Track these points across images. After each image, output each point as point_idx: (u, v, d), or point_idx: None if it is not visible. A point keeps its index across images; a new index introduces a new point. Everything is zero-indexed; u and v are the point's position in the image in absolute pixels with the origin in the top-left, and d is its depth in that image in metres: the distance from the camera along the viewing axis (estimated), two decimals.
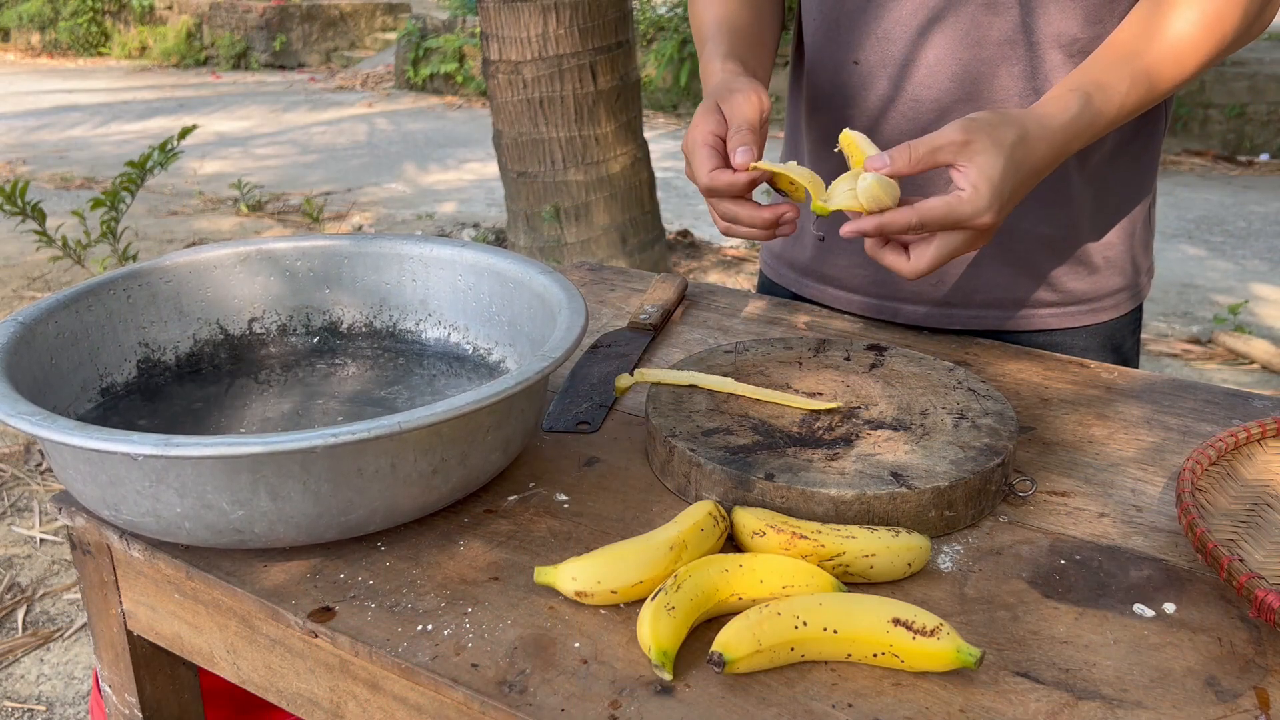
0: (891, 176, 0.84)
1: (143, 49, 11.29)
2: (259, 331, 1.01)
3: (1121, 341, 1.14)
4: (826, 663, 0.64)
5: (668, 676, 0.62)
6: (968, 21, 1.00)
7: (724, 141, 0.92)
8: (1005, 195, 0.83)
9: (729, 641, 0.62)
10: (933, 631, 0.63)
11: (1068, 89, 0.89)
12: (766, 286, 1.28)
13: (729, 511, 0.76)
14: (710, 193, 0.92)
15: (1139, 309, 1.16)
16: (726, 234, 0.96)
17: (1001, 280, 1.09)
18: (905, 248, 0.87)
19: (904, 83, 1.04)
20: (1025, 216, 1.06)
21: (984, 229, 0.84)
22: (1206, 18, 0.89)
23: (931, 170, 0.85)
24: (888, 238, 0.88)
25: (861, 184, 0.85)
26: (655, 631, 0.63)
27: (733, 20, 1.08)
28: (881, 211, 0.84)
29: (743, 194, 0.91)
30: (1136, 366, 1.17)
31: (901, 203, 0.85)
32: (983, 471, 0.77)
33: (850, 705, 0.61)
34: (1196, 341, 3.71)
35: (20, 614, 2.23)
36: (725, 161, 0.92)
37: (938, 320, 1.12)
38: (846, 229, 0.86)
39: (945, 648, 0.62)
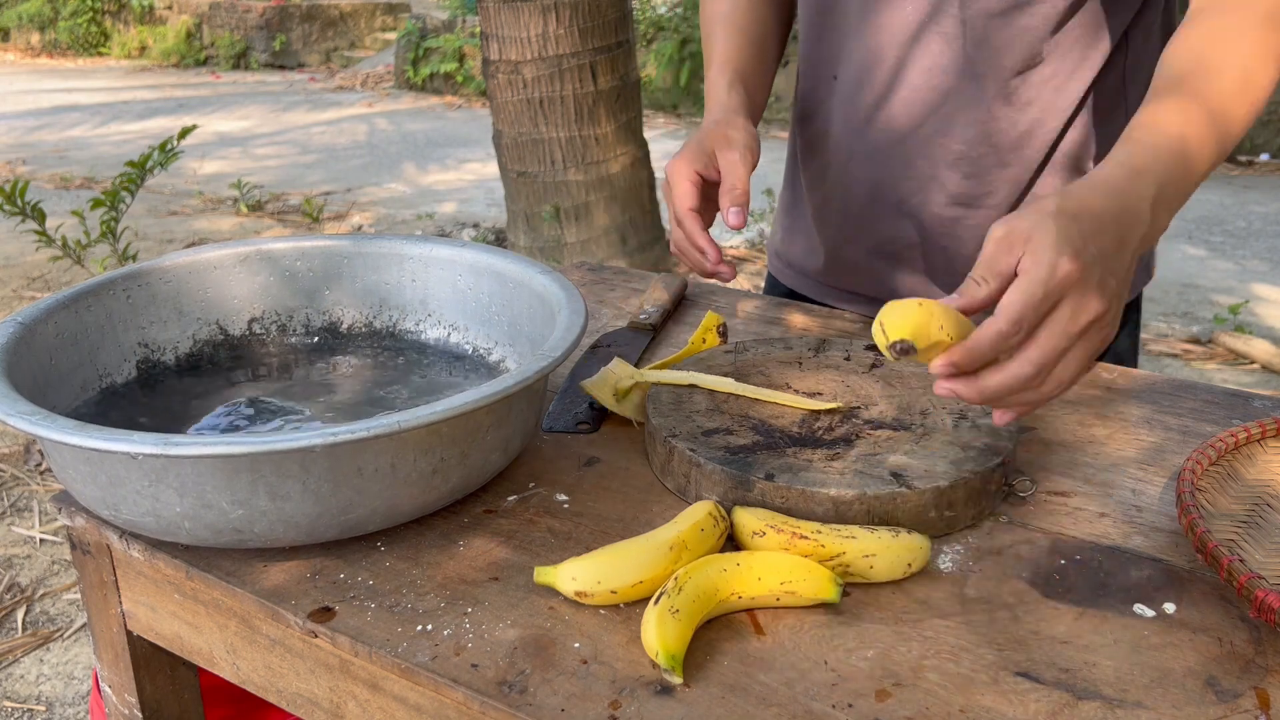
0: (970, 311, 0.70)
1: (142, 49, 11.29)
2: (259, 332, 1.01)
3: (1116, 342, 1.14)
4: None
5: (678, 680, 0.62)
6: (936, 47, 1.03)
7: (703, 180, 0.97)
8: (1075, 241, 0.68)
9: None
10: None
11: (1110, 155, 0.79)
12: (773, 286, 1.29)
13: (729, 511, 0.76)
14: (679, 224, 0.97)
15: (1133, 309, 1.15)
16: (675, 254, 1.02)
17: None
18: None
19: (876, 101, 1.07)
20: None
21: (1072, 281, 0.67)
22: (1262, 42, 0.82)
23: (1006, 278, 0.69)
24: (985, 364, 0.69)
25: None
26: (662, 636, 0.63)
27: (740, 22, 1.10)
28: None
29: (695, 245, 0.97)
30: (1134, 366, 1.17)
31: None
32: (983, 471, 0.77)
33: (850, 705, 0.61)
34: (1196, 341, 3.71)
35: (20, 614, 2.22)
36: (703, 198, 0.98)
37: None
38: (938, 367, 0.68)
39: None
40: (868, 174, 1.10)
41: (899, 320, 0.66)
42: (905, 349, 0.61)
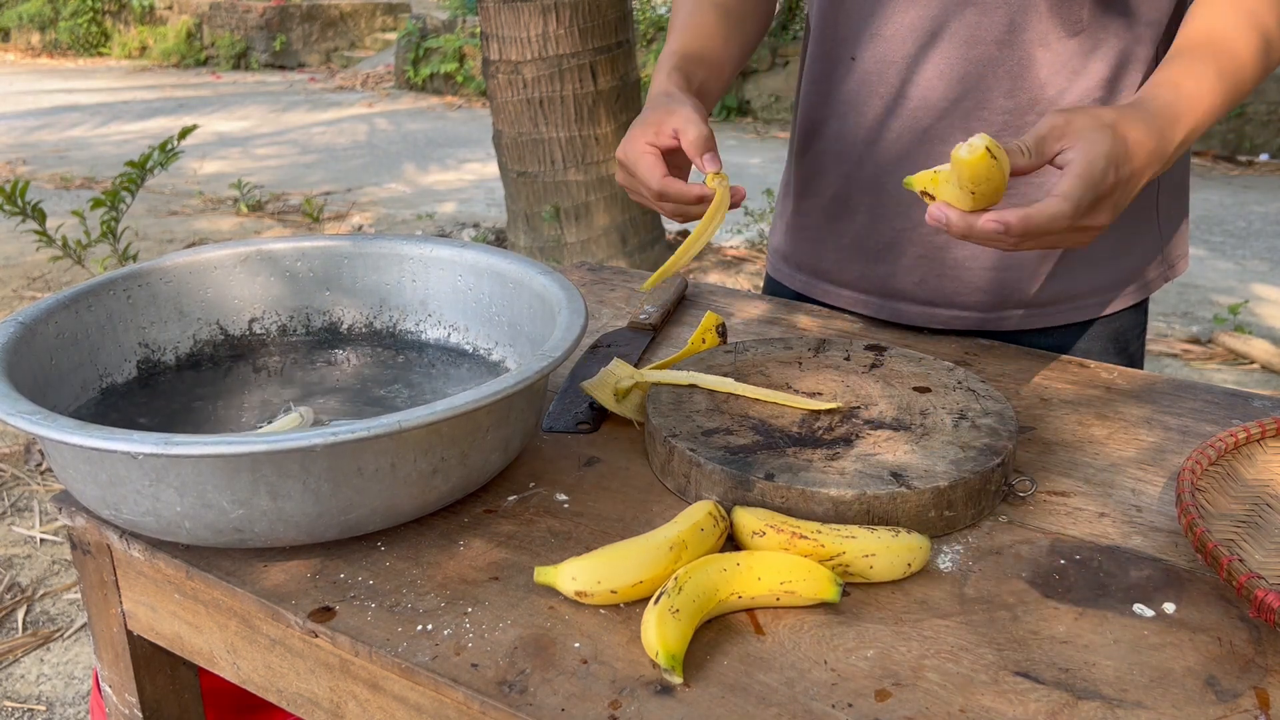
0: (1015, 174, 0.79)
1: (143, 49, 11.29)
2: (259, 332, 1.01)
3: (1128, 343, 1.14)
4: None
5: (678, 680, 0.62)
6: (962, 22, 1.01)
7: (660, 152, 0.95)
8: (1118, 159, 0.78)
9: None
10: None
11: (1152, 84, 0.87)
12: (771, 286, 1.29)
13: (729, 511, 0.76)
14: (662, 198, 0.94)
15: (1143, 308, 1.15)
16: (679, 219, 0.98)
17: (990, 278, 1.09)
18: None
19: (898, 82, 1.05)
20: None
21: (1107, 192, 0.78)
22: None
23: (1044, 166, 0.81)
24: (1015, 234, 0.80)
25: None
26: (663, 636, 0.63)
27: (697, 29, 1.09)
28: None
29: (691, 200, 0.94)
30: (1142, 366, 1.17)
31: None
32: (983, 471, 0.77)
33: (850, 705, 0.61)
34: (1196, 341, 3.71)
35: (20, 614, 2.23)
36: (667, 167, 0.95)
37: (929, 319, 1.12)
38: (988, 220, 0.77)
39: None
40: (890, 160, 1.08)
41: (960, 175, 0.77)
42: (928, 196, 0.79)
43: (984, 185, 0.75)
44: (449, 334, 1.02)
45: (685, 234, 4.68)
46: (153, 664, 0.88)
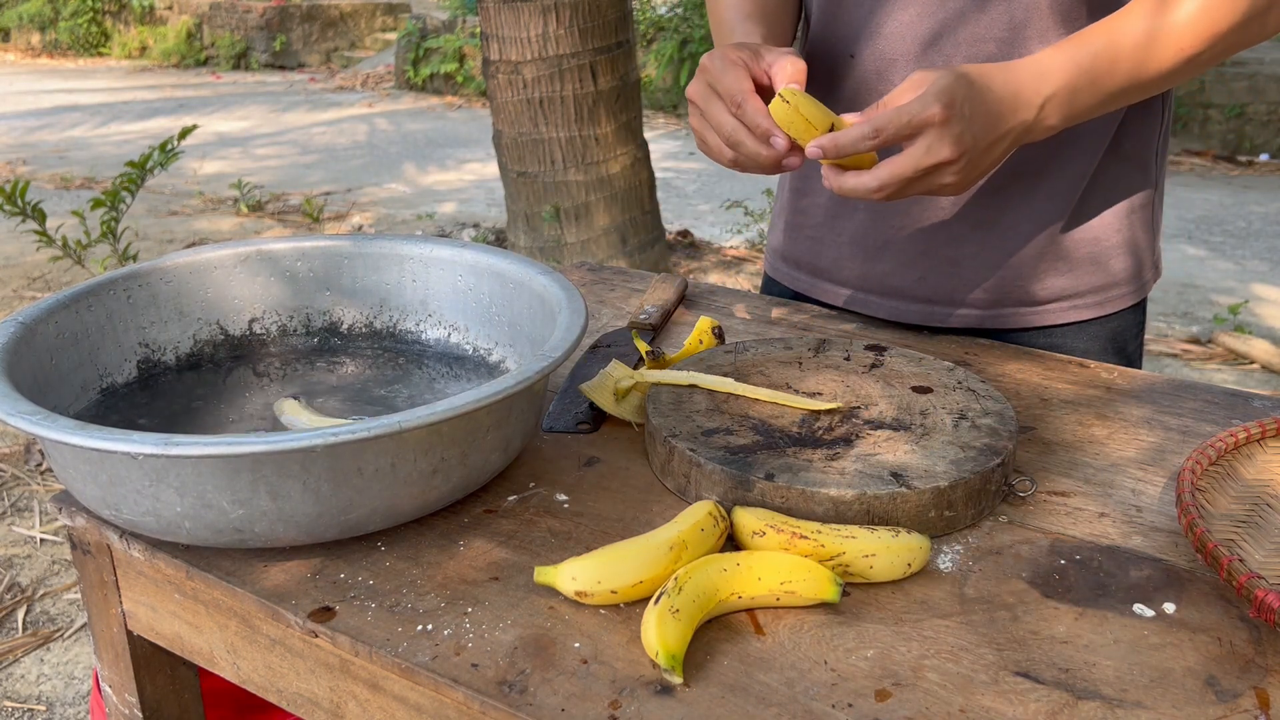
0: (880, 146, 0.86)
1: (143, 49, 11.29)
2: (259, 332, 1.01)
3: (1125, 343, 1.14)
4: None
5: (678, 680, 0.62)
6: (963, 20, 1.01)
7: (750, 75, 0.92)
8: (956, 97, 0.83)
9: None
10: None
11: (1043, 51, 0.91)
12: (769, 286, 1.29)
13: (729, 511, 0.76)
14: (739, 107, 0.90)
15: (1141, 309, 1.15)
16: (715, 151, 0.94)
17: (989, 276, 1.09)
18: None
19: (898, 80, 1.05)
20: (1012, 210, 1.06)
21: (934, 122, 0.82)
22: (1198, 11, 0.88)
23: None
24: (846, 163, 0.87)
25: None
26: (663, 636, 0.63)
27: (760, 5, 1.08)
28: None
29: (762, 133, 0.90)
30: (1140, 366, 1.17)
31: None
32: (983, 471, 0.77)
33: (850, 705, 0.61)
34: (1196, 341, 3.71)
35: (20, 614, 2.23)
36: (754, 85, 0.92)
37: (927, 318, 1.12)
38: (809, 148, 0.87)
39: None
40: None
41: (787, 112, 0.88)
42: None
43: (791, 129, 0.88)
44: (449, 334, 1.02)
45: (685, 234, 4.68)
46: (153, 664, 0.88)
